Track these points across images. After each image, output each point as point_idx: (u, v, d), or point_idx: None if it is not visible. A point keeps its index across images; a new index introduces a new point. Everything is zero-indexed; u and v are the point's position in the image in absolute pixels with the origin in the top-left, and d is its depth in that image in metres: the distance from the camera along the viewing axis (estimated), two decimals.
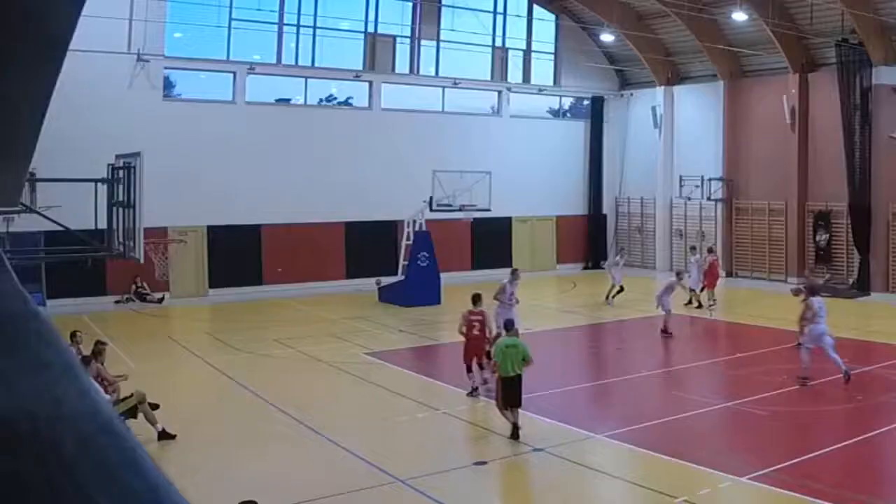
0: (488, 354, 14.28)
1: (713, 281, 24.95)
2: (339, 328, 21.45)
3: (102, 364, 12.90)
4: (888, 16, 25.13)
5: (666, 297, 20.27)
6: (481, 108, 33.56)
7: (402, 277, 25.70)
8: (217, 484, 10.31)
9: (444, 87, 31.88)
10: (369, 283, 27.01)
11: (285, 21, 28.72)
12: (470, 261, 31.26)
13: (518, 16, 33.44)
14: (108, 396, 11.79)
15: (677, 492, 9.91)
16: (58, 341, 0.59)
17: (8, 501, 0.48)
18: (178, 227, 25.68)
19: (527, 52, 33.97)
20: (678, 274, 21.57)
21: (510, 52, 33.44)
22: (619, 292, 25.06)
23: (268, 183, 27.58)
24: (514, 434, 12.12)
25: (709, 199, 31.45)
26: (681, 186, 32.27)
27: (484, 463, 11.23)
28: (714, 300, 24.26)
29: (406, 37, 31.30)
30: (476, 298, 15.22)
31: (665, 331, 20.11)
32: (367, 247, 29.13)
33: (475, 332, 14.82)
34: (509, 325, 13.49)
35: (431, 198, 25.66)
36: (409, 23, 31.33)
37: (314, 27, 29.15)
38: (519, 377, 12.40)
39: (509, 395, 12.37)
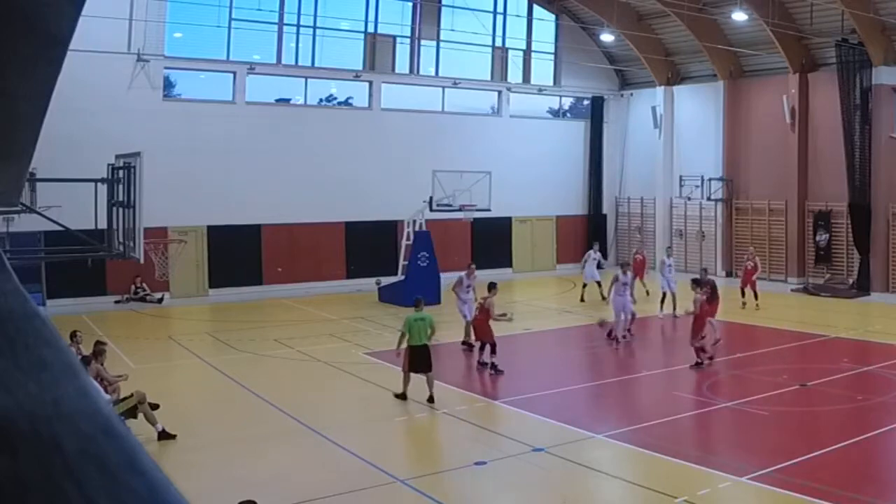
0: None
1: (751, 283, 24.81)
2: (339, 328, 21.45)
3: (102, 364, 12.90)
4: (888, 16, 25.14)
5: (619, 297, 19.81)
6: (481, 108, 33.55)
7: (402, 277, 25.71)
8: (217, 484, 10.31)
9: (444, 87, 31.87)
10: (369, 283, 27.03)
11: (285, 21, 28.71)
12: (470, 261, 31.22)
13: (518, 16, 33.44)
14: (107, 396, 11.80)
15: (677, 492, 9.91)
16: (58, 341, 0.59)
17: (8, 501, 0.48)
18: (178, 227, 25.68)
19: (527, 52, 33.97)
20: (623, 266, 20.63)
21: (510, 52, 33.44)
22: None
23: (268, 183, 27.57)
24: (430, 399, 14.05)
25: (709, 199, 31.45)
26: (681, 186, 32.27)
27: (484, 463, 11.23)
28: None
29: (406, 37, 31.30)
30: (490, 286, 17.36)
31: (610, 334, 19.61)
32: (367, 247, 29.13)
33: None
34: (418, 303, 15.10)
35: (431, 198, 25.66)
36: (409, 23, 31.33)
37: (314, 27, 29.15)
38: (426, 346, 14.32)
39: (417, 361, 14.28)
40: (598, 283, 25.76)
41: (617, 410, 14.41)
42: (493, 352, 16.45)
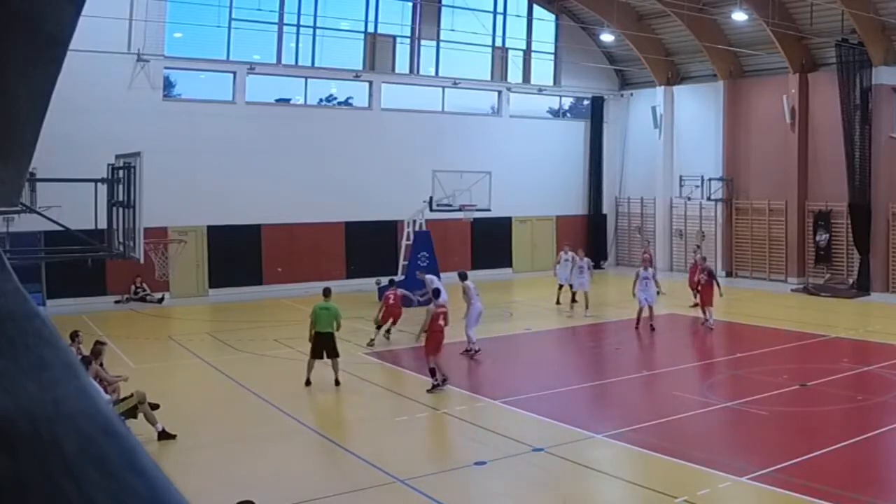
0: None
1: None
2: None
3: (102, 365, 12.90)
4: (888, 16, 25.14)
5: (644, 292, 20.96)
6: (481, 108, 33.55)
7: (402, 277, 25.70)
8: (217, 484, 10.31)
9: (444, 87, 31.87)
10: (369, 283, 27.01)
11: (285, 21, 28.71)
12: (470, 261, 31.26)
13: (518, 16, 33.44)
14: (107, 396, 11.80)
15: (677, 492, 9.91)
16: (58, 341, 0.59)
17: (8, 502, 0.48)
18: (178, 227, 25.68)
19: (527, 52, 33.97)
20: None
21: (510, 52, 33.44)
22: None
23: (268, 183, 27.56)
24: (336, 382, 15.23)
25: (709, 199, 31.46)
26: (681, 186, 32.28)
27: (484, 463, 11.24)
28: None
29: (406, 37, 31.31)
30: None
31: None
32: (367, 247, 29.12)
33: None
34: (326, 292, 16.08)
35: (431, 198, 25.65)
36: (409, 23, 31.33)
37: (314, 27, 29.15)
38: (331, 334, 15.35)
39: (322, 347, 15.31)
40: (571, 286, 25.55)
41: (617, 410, 14.40)
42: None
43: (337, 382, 15.43)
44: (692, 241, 32.86)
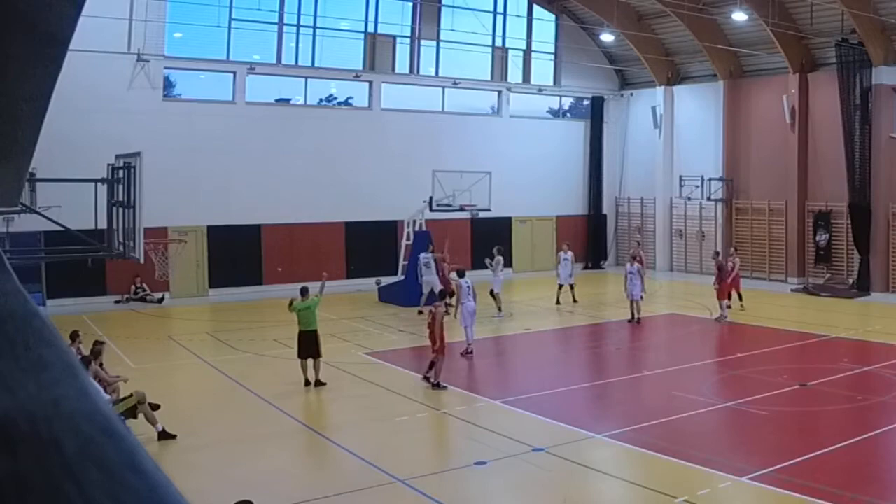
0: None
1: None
2: (339, 328, 21.44)
3: (101, 365, 12.90)
4: (888, 16, 25.14)
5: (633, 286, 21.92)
6: (481, 108, 33.55)
7: (402, 277, 25.71)
8: (217, 484, 10.31)
9: (444, 87, 31.87)
10: (369, 283, 27.02)
11: (285, 21, 28.71)
12: (470, 261, 31.24)
13: (518, 16, 33.44)
14: (107, 397, 11.80)
15: (677, 492, 9.91)
16: (58, 341, 0.59)
17: (8, 502, 0.48)
18: (178, 227, 25.68)
19: (527, 52, 33.97)
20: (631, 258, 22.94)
21: (510, 52, 33.45)
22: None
23: (268, 183, 27.57)
24: (317, 383, 15.22)
25: (709, 199, 31.45)
26: (681, 186, 32.27)
27: (484, 463, 11.23)
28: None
29: (406, 37, 31.30)
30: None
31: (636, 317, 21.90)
32: (367, 247, 29.13)
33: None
34: (304, 292, 16.10)
35: (431, 198, 25.65)
36: (409, 23, 31.32)
37: (314, 27, 29.15)
38: (314, 332, 15.54)
39: (305, 346, 15.45)
40: (572, 287, 25.57)
41: (617, 410, 14.40)
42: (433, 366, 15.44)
43: (318, 383, 15.27)
44: (692, 240, 32.89)
